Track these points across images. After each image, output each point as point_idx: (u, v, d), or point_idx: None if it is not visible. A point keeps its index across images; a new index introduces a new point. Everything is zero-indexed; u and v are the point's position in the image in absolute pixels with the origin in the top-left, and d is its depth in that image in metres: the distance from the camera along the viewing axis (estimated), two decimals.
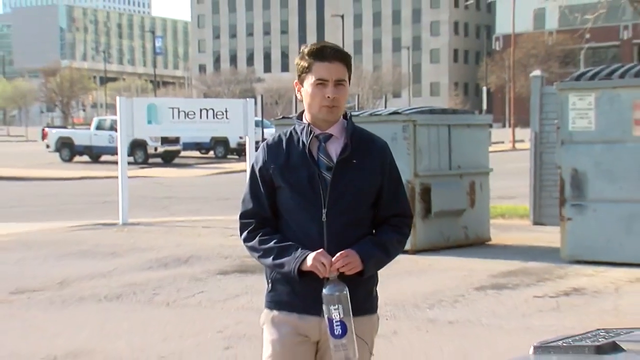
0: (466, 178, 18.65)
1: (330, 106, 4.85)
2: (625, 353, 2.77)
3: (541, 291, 13.56)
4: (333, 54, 4.86)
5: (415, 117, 17.93)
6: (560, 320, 11.47)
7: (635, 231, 15.39)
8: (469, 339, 10.73)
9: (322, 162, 4.90)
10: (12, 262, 16.99)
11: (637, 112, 15.43)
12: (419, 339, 10.53)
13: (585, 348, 2.77)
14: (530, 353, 2.86)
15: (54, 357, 10.07)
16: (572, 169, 16.00)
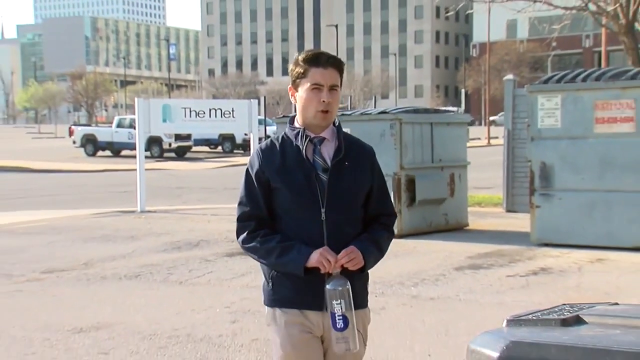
0: (447, 170, 18.65)
1: (324, 111, 4.70)
2: (587, 325, 2.77)
3: (513, 271, 13.58)
4: (328, 60, 4.73)
5: (401, 115, 17.93)
6: (529, 296, 11.48)
7: (595, 217, 15.48)
8: (448, 313, 10.74)
9: (318, 164, 4.73)
10: (44, 245, 17.00)
11: (597, 112, 15.51)
12: (404, 313, 10.54)
13: (552, 321, 2.77)
14: (503, 326, 2.85)
15: (80, 328, 10.07)
16: (540, 162, 16.05)
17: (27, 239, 18.00)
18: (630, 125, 15.30)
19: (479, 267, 13.99)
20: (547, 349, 2.52)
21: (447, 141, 18.80)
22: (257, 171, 4.77)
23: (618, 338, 2.59)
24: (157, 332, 9.84)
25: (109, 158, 53.41)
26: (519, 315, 2.96)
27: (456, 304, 11.35)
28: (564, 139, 15.81)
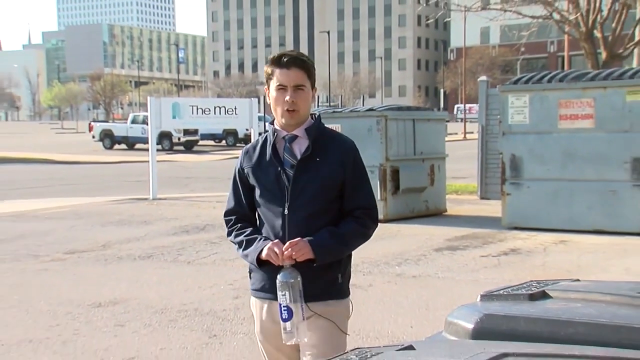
0: (427, 162, 18.67)
1: (290, 110, 4.41)
2: (552, 299, 2.77)
3: (486, 252, 13.59)
4: (291, 61, 4.44)
5: (386, 113, 17.99)
6: (500, 274, 11.50)
7: (559, 203, 15.55)
8: (428, 289, 10.75)
9: (287, 161, 4.49)
10: (66, 229, 17.00)
11: (561, 109, 15.56)
12: (389, 290, 10.54)
13: (521, 296, 2.77)
14: (477, 300, 2.85)
15: (99, 303, 10.07)
16: (511, 154, 16.10)
17: (52, 223, 18.00)
18: (590, 122, 15.34)
19: (455, 248, 14.01)
20: (516, 320, 2.53)
21: (427, 135, 18.85)
22: (239, 170, 4.67)
23: (579, 311, 2.59)
24: (168, 307, 9.84)
25: (124, 151, 53.37)
26: (491, 291, 2.96)
27: (435, 281, 11.35)
28: (531, 133, 15.86)
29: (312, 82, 4.54)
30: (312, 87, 4.53)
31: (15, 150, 52.22)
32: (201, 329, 8.89)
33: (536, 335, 2.36)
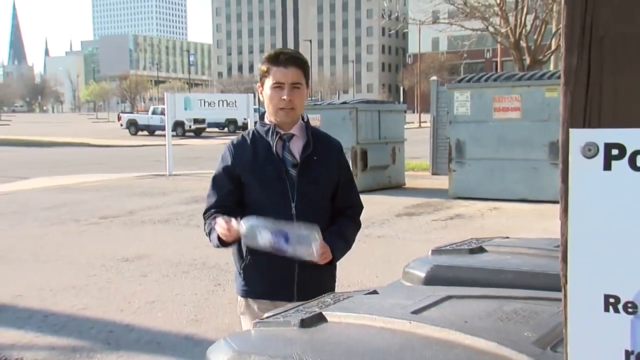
0: (390, 144, 18.68)
1: (286, 108, 3.69)
2: (487, 253, 2.78)
3: (436, 217, 13.60)
4: (288, 59, 3.72)
5: (357, 105, 18.05)
6: (447, 234, 11.51)
7: (493, 178, 15.63)
8: (390, 247, 10.76)
9: (287, 159, 3.74)
10: (100, 199, 16.92)
11: (495, 103, 15.63)
12: (359, 248, 10.45)
13: (463, 250, 2.78)
14: (429, 254, 2.86)
15: (126, 258, 10.06)
16: (456, 139, 16.13)
17: (88, 194, 17.92)
18: (518, 113, 15.42)
19: (412, 214, 14.01)
20: (459, 270, 2.53)
21: (390, 124, 18.85)
22: (229, 166, 3.82)
23: (508, 261, 2.60)
24: (181, 261, 9.83)
25: (146, 136, 53.06)
26: (439, 247, 2.96)
27: (396, 240, 11.36)
28: (472, 122, 15.90)
29: (307, 81, 3.81)
30: (306, 86, 3.80)
31: (59, 136, 51.92)
32: (208, 278, 8.88)
33: (475, 281, 2.37)
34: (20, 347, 6.63)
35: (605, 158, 1.08)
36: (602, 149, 1.08)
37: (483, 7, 30.48)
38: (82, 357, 6.31)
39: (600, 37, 1.08)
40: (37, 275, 9.39)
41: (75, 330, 7.05)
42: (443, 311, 1.86)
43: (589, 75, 1.09)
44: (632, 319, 1.09)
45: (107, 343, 6.66)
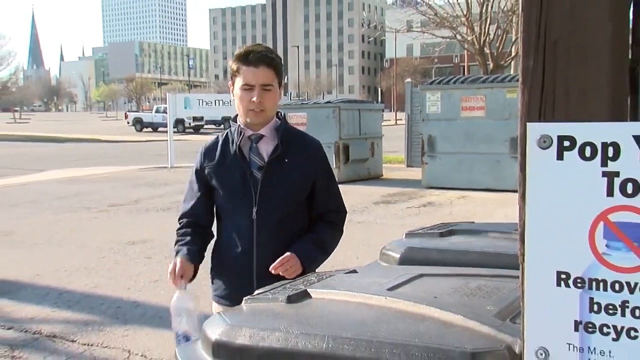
0: (369, 140, 18.68)
1: (256, 110, 3.11)
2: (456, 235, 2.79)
3: (410, 204, 13.62)
4: (258, 58, 3.08)
5: (340, 104, 18.06)
6: (420, 220, 11.53)
7: (461, 170, 15.67)
8: (370, 231, 10.75)
9: (253, 162, 3.15)
10: (109, 189, 16.85)
11: (462, 103, 15.67)
12: None
13: (434, 234, 2.79)
14: (403, 238, 2.86)
15: (133, 241, 10.02)
16: (428, 135, 16.14)
17: (98, 184, 17.85)
18: (482, 112, 15.45)
19: (389, 202, 14.03)
20: (430, 251, 2.53)
21: (369, 121, 18.87)
22: (198, 169, 3.34)
23: (474, 243, 2.61)
24: None
25: (150, 133, 52.82)
26: (413, 230, 2.96)
27: (374, 225, 11.37)
28: (442, 120, 15.92)
29: (280, 80, 3.21)
30: (279, 85, 3.21)
31: (72, 133, 51.72)
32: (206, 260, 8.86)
33: (444, 261, 2.37)
34: (38, 321, 6.63)
35: (558, 149, 1.08)
36: (555, 141, 1.08)
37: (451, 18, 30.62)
38: (93, 330, 6.31)
39: (553, 41, 1.08)
40: (53, 257, 9.36)
41: (87, 306, 7.05)
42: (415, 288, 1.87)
43: (543, 75, 1.09)
44: (581, 293, 1.10)
45: (115, 317, 6.67)
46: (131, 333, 6.18)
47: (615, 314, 1.08)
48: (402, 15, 35.48)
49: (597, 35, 1.05)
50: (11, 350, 5.86)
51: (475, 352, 1.37)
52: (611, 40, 1.05)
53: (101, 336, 6.15)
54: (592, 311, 1.10)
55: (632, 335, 1.08)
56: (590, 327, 1.10)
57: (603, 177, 1.06)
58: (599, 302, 1.09)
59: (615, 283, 1.08)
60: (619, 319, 1.08)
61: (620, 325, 1.08)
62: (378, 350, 1.45)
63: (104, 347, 5.91)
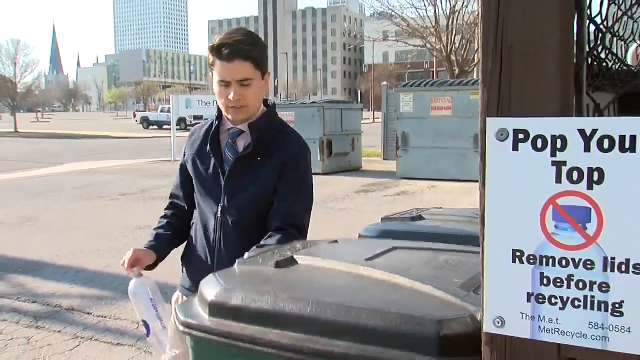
0: (350, 136, 18.69)
1: (236, 107, 2.51)
2: (425, 220, 2.79)
3: (386, 193, 13.64)
4: (231, 53, 2.42)
5: (324, 104, 18.08)
6: (395, 206, 11.56)
7: (431, 162, 15.71)
8: (350, 217, 10.77)
9: (227, 158, 2.60)
10: (119, 180, 16.78)
11: (432, 103, 15.70)
12: (325, 219, 10.52)
13: (407, 218, 2.79)
14: (379, 222, 2.86)
15: (140, 226, 9.96)
16: (402, 132, 16.15)
17: (110, 176, 17.77)
18: (449, 111, 15.48)
19: (368, 191, 14.04)
20: (402, 234, 2.53)
21: (350, 119, 18.87)
22: (183, 153, 2.83)
23: (441, 226, 2.62)
24: None
25: (155, 130, 52.46)
26: (388, 216, 2.97)
27: (355, 212, 11.38)
28: (414, 118, 15.93)
29: (262, 70, 2.53)
30: (262, 76, 2.54)
31: (87, 130, 51.41)
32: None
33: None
34: (58, 296, 6.62)
35: (514, 141, 1.09)
36: (511, 134, 1.09)
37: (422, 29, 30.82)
38: (106, 304, 6.30)
39: (509, 45, 1.08)
40: (70, 240, 9.32)
41: (101, 283, 7.03)
42: (390, 259, 1.87)
43: (501, 76, 1.09)
44: (533, 268, 1.11)
45: (125, 293, 6.60)
46: None
47: (562, 287, 1.09)
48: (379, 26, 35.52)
49: (546, 41, 1.06)
50: (36, 321, 5.89)
51: (442, 320, 1.38)
52: (558, 46, 1.06)
53: (113, 309, 6.14)
54: (542, 284, 1.10)
55: (576, 304, 1.09)
56: (540, 298, 1.11)
57: (552, 166, 1.07)
58: (548, 276, 1.10)
59: (562, 259, 1.08)
60: (565, 290, 1.09)
61: (566, 296, 1.09)
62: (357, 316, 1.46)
63: (116, 319, 5.90)
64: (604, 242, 1.05)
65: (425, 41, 31.01)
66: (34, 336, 5.52)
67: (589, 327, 1.08)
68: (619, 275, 1.05)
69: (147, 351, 5.10)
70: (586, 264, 1.07)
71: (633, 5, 1.58)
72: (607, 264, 1.05)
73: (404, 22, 30.96)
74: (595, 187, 1.04)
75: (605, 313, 1.07)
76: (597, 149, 1.03)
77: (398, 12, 31.53)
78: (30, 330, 5.68)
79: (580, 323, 1.08)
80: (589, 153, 1.04)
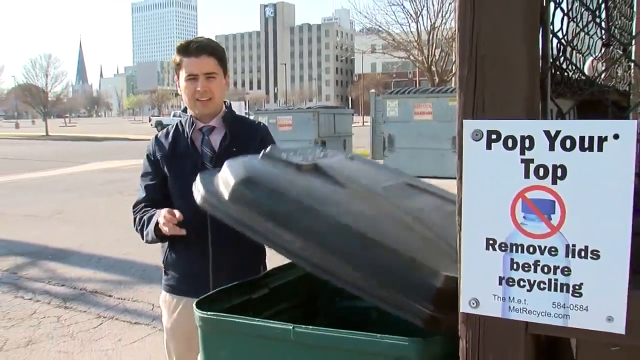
0: (341, 137, 18.65)
1: (203, 99, 2.53)
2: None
3: None
4: (199, 48, 2.49)
5: (319, 109, 17.98)
6: None
7: (414, 161, 15.63)
8: None
9: (205, 153, 2.54)
10: (136, 177, 16.57)
11: (415, 108, 15.68)
12: None
13: None
14: None
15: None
16: (388, 134, 16.13)
17: (128, 173, 17.71)
18: (430, 116, 15.49)
19: None
20: None
21: (341, 122, 18.85)
22: (152, 160, 2.68)
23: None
24: None
25: None
26: None
27: None
28: (399, 122, 15.92)
29: (224, 69, 2.63)
30: (224, 74, 2.63)
31: (108, 133, 51.33)
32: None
33: None
34: (83, 280, 6.62)
35: (487, 141, 1.09)
36: (485, 134, 1.09)
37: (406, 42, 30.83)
38: (125, 288, 6.30)
39: (482, 55, 1.09)
40: (94, 231, 9.30)
41: (120, 269, 7.03)
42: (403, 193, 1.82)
43: (475, 82, 1.09)
44: (504, 255, 1.11)
45: (142, 278, 6.64)
46: (154, 290, 6.17)
47: (530, 271, 1.09)
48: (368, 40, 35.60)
49: (514, 52, 1.07)
50: (64, 302, 5.91)
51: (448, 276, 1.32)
52: (525, 57, 1.07)
53: (131, 292, 6.14)
54: (512, 269, 1.10)
55: (542, 287, 1.09)
56: (510, 282, 1.11)
57: (521, 163, 1.07)
58: (517, 261, 1.10)
59: (530, 246, 1.09)
60: (532, 274, 1.09)
61: (533, 279, 1.09)
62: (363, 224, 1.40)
63: (134, 301, 5.90)
64: (566, 231, 1.05)
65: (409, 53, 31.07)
66: (63, 315, 5.54)
67: (552, 306, 1.08)
68: (578, 260, 1.05)
69: (160, 330, 5.10)
70: (550, 251, 1.07)
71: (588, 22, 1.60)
72: (568, 251, 1.06)
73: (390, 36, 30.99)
74: (558, 182, 1.05)
75: (567, 294, 1.07)
76: (560, 148, 1.04)
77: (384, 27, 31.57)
78: (59, 310, 5.69)
79: (545, 303, 1.09)
80: (553, 151, 1.04)
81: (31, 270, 7.09)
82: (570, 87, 1.45)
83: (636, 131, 1.01)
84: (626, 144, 1.00)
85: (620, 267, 1.03)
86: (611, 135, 1.01)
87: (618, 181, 1.01)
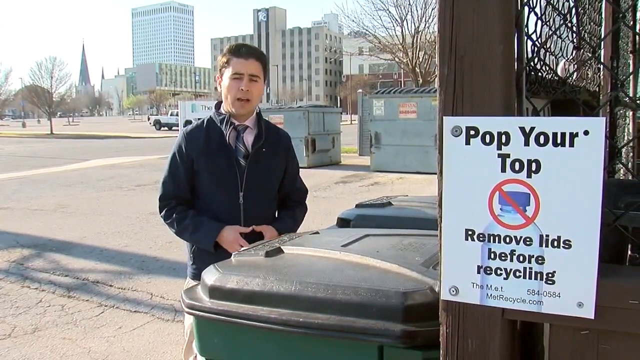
0: (330, 135, 18.64)
1: (243, 99, 2.63)
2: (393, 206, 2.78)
3: (362, 184, 13.66)
4: (248, 51, 2.65)
5: (309, 108, 17.96)
6: (369, 195, 11.58)
7: (399, 157, 15.76)
8: (331, 204, 10.75)
9: (239, 150, 2.66)
10: (135, 173, 16.67)
11: (400, 107, 15.71)
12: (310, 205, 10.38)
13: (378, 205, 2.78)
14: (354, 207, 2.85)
15: (153, 212, 9.67)
16: (375, 131, 16.16)
17: (127, 170, 17.65)
18: (415, 114, 15.50)
19: (346, 182, 14.04)
20: (374, 217, 2.53)
21: (330, 121, 18.82)
22: (183, 153, 2.72)
23: (406, 211, 2.61)
24: None
25: (166, 131, 52.10)
26: (362, 202, 2.96)
27: (334, 199, 11.37)
28: (385, 120, 15.94)
29: (265, 76, 2.73)
30: (264, 80, 2.75)
31: (109, 132, 51.03)
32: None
33: (384, 225, 2.37)
34: (85, 270, 6.60)
35: (466, 136, 1.08)
36: (464, 130, 1.08)
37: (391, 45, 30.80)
38: (125, 278, 6.28)
39: (461, 56, 1.08)
40: (95, 223, 9.26)
41: (120, 260, 7.00)
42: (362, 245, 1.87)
43: (455, 81, 1.09)
44: (482, 245, 1.11)
45: (141, 269, 6.63)
46: (153, 280, 6.16)
47: (506, 260, 1.09)
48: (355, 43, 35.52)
49: (491, 53, 1.06)
50: (67, 291, 5.91)
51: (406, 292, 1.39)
52: (501, 57, 1.07)
53: (131, 282, 6.13)
54: (489, 258, 1.10)
55: (517, 275, 1.10)
56: (488, 270, 1.11)
57: (498, 158, 1.07)
58: (494, 251, 1.10)
59: (507, 237, 1.09)
60: (508, 263, 1.09)
61: (509, 268, 1.10)
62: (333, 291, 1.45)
63: (133, 290, 5.88)
64: (540, 222, 1.06)
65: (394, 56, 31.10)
66: (67, 304, 5.54)
67: (527, 293, 1.08)
68: (552, 249, 1.05)
69: (158, 317, 5.10)
70: (526, 241, 1.07)
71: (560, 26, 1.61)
72: (542, 240, 1.06)
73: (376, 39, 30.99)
74: (533, 175, 1.05)
75: (541, 281, 1.07)
76: (534, 144, 1.04)
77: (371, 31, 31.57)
78: (63, 299, 5.68)
79: (520, 290, 1.09)
80: (528, 147, 1.04)
81: (37, 261, 7.06)
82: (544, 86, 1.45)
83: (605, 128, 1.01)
84: (596, 140, 1.01)
85: (591, 256, 1.03)
86: (582, 131, 1.01)
87: (588, 175, 1.01)
